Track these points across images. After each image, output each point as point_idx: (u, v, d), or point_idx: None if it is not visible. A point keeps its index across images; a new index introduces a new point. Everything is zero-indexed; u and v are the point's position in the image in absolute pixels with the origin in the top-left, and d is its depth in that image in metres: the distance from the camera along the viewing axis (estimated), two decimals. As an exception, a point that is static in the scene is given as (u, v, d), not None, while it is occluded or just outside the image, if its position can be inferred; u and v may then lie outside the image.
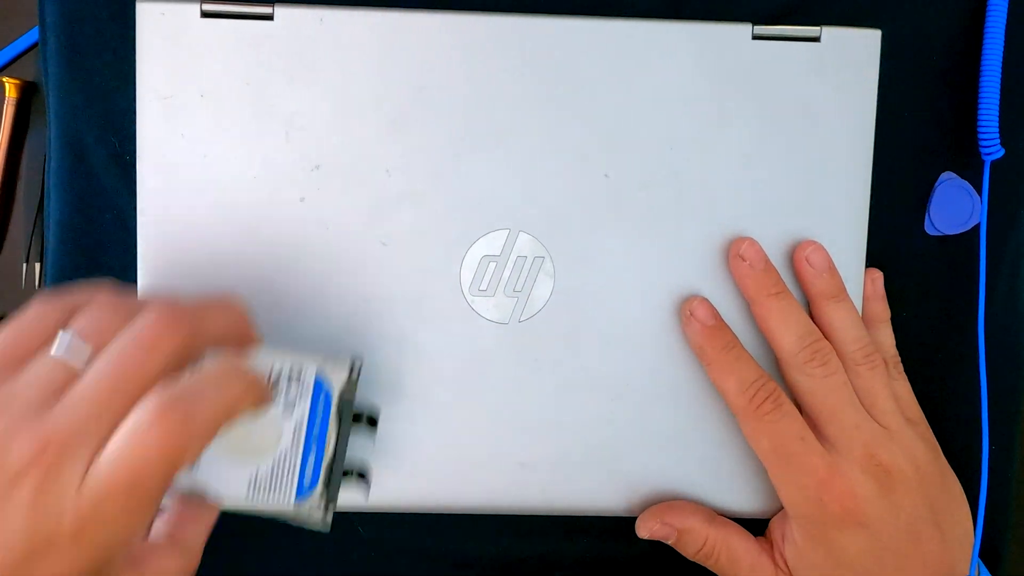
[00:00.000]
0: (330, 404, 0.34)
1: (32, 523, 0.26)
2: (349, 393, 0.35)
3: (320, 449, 0.34)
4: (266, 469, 0.34)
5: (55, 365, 0.28)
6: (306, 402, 0.34)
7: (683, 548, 0.39)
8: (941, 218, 0.43)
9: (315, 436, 0.34)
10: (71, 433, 0.26)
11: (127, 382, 0.28)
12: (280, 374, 0.34)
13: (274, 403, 0.34)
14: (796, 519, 0.37)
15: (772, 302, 0.38)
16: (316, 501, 0.35)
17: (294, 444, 0.34)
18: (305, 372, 0.34)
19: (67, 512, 0.26)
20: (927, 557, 0.37)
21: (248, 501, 0.34)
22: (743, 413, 0.37)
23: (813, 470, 0.36)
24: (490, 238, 0.38)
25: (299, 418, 0.34)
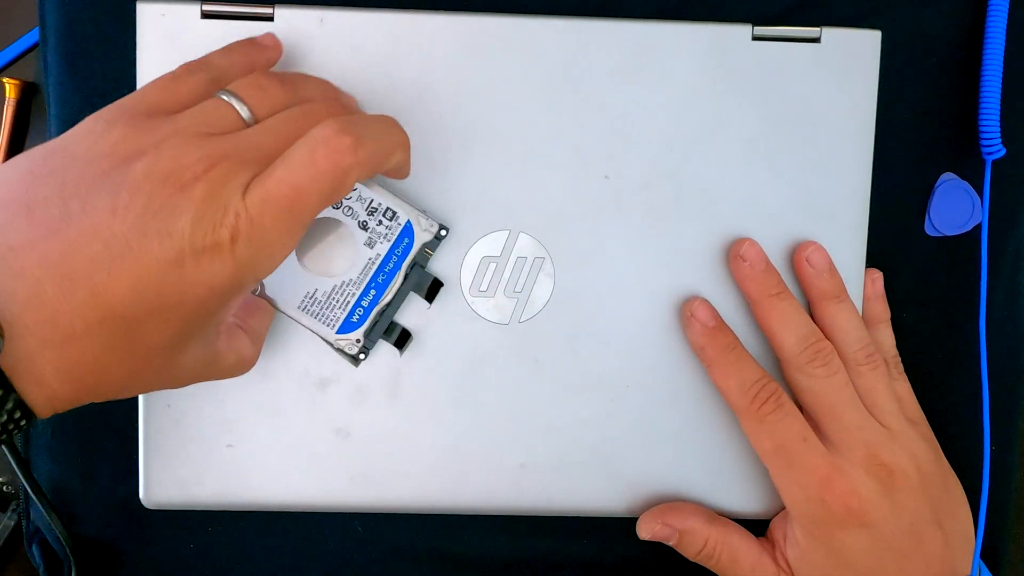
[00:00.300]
0: (407, 255, 0.37)
1: (197, 223, 0.27)
2: (424, 255, 0.37)
3: (379, 294, 0.37)
4: (325, 291, 0.37)
5: (223, 106, 0.30)
6: (387, 244, 0.37)
7: (684, 549, 0.39)
8: (941, 219, 0.43)
9: (380, 279, 0.37)
10: (243, 149, 0.29)
11: (298, 124, 0.30)
12: (377, 208, 0.36)
13: (361, 230, 0.36)
14: (798, 519, 0.37)
15: (773, 302, 0.38)
16: (354, 340, 0.37)
17: (359, 277, 0.37)
18: (399, 216, 0.36)
19: (229, 217, 0.28)
20: (929, 557, 0.37)
21: (297, 314, 0.37)
22: (745, 413, 0.37)
23: (815, 470, 0.36)
24: (490, 239, 0.38)
25: (375, 255, 0.37)
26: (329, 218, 0.36)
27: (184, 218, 0.27)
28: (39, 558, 0.43)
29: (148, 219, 0.27)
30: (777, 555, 0.39)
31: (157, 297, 0.27)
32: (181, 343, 0.29)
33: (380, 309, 0.37)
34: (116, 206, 0.27)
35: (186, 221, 0.27)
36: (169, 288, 0.27)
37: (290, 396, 0.39)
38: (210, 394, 0.38)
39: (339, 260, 0.37)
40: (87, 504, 0.43)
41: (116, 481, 0.42)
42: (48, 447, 0.43)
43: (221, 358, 0.32)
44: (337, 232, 0.37)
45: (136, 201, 0.27)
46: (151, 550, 0.43)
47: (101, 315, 0.27)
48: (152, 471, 0.39)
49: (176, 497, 0.39)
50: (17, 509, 0.44)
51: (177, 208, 0.27)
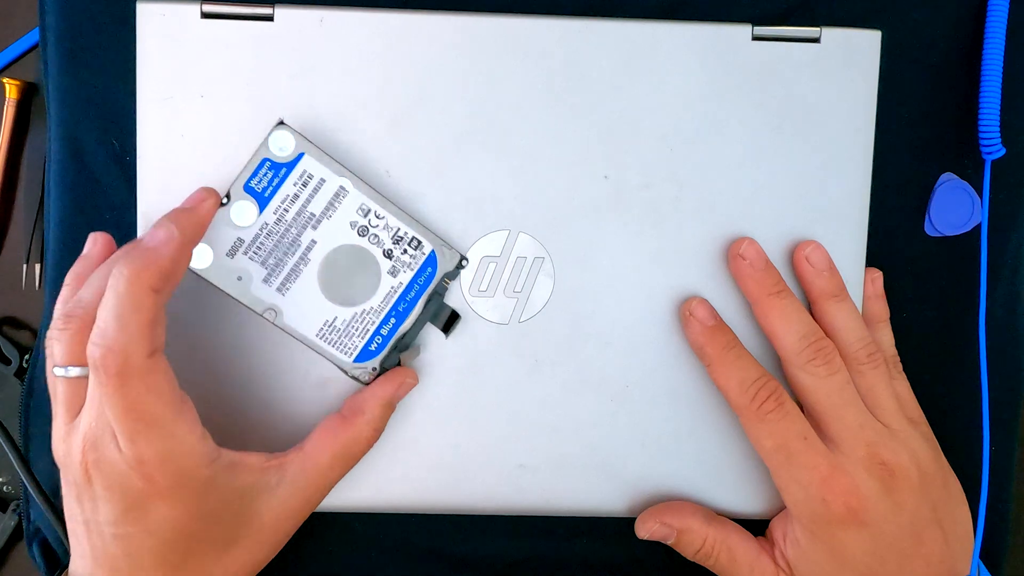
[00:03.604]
0: (428, 284, 0.37)
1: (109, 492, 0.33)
2: (444, 285, 0.37)
3: (399, 322, 0.37)
4: (344, 319, 0.37)
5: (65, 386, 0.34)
6: (410, 272, 0.37)
7: (682, 548, 0.39)
8: (941, 219, 0.43)
9: (401, 307, 0.37)
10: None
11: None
12: (403, 237, 0.37)
13: (386, 259, 0.37)
14: (799, 519, 0.37)
15: (773, 301, 0.38)
16: (370, 369, 0.37)
17: (381, 305, 0.37)
18: (423, 245, 0.37)
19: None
20: (929, 557, 0.37)
21: (315, 342, 0.37)
22: (745, 412, 0.37)
23: (816, 469, 0.36)
24: (490, 239, 0.38)
25: (397, 284, 0.37)
26: (354, 246, 0.37)
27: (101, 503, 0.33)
28: (39, 558, 0.43)
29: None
30: (776, 554, 0.39)
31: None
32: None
33: (398, 338, 0.37)
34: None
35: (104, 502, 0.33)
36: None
37: (290, 396, 0.39)
38: (210, 393, 0.38)
39: (361, 288, 0.37)
40: (87, 504, 0.43)
41: (116, 481, 0.42)
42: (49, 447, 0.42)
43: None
44: (361, 259, 0.37)
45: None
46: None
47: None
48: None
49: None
50: (17, 509, 0.44)
51: (97, 503, 0.34)
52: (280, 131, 0.36)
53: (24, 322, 0.45)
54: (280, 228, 0.36)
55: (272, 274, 0.37)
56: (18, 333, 0.45)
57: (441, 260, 0.37)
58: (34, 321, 0.45)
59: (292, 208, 0.36)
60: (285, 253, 0.37)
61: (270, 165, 0.36)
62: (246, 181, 0.36)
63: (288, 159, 0.36)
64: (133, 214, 0.38)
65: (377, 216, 0.37)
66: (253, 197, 0.36)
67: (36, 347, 0.43)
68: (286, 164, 0.36)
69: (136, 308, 0.32)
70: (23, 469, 0.41)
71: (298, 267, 0.37)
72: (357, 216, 0.37)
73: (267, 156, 0.36)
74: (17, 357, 0.44)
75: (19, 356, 0.44)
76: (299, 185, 0.36)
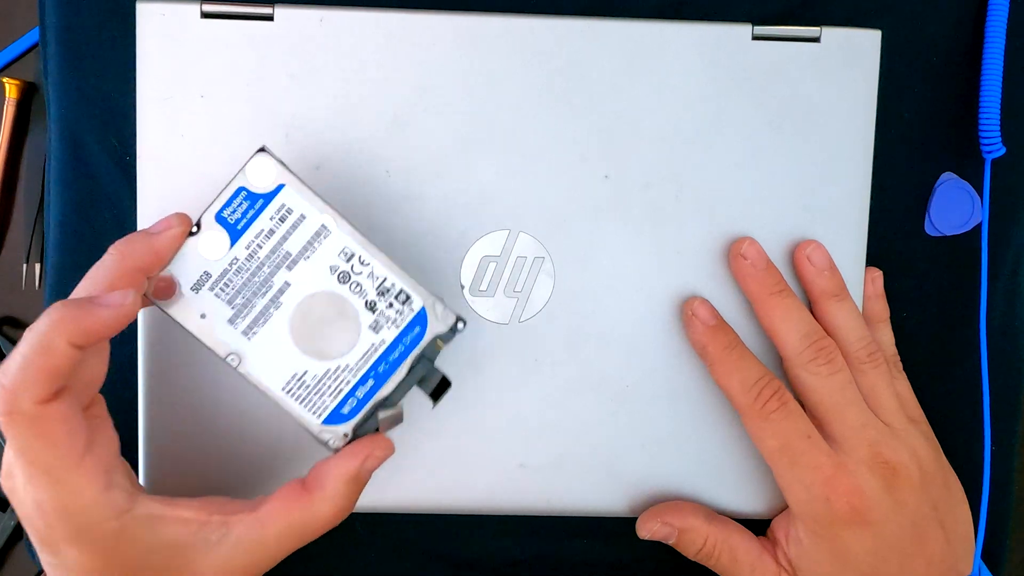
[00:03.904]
0: (415, 345, 0.33)
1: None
2: (434, 349, 0.33)
3: (378, 385, 0.33)
4: (315, 375, 0.33)
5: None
6: (395, 330, 0.33)
7: (684, 548, 0.39)
8: (941, 219, 0.43)
9: (381, 368, 0.33)
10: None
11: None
12: (389, 289, 0.33)
13: (368, 311, 0.33)
14: (801, 518, 0.37)
15: (775, 300, 0.38)
16: (341, 434, 0.33)
17: (358, 364, 0.33)
18: (412, 301, 0.33)
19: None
20: (931, 556, 0.37)
21: (280, 396, 0.33)
22: (748, 412, 0.37)
23: (819, 468, 0.36)
24: (490, 238, 0.38)
25: (379, 341, 0.33)
26: (333, 293, 0.33)
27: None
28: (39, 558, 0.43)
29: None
30: (779, 554, 0.39)
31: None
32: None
33: (376, 402, 0.33)
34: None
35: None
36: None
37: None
38: (211, 392, 0.38)
39: (337, 342, 0.33)
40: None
41: (116, 481, 0.42)
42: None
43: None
44: (340, 309, 0.33)
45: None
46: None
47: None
48: (152, 471, 0.39)
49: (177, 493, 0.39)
50: (17, 509, 0.44)
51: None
52: (260, 158, 0.32)
53: (24, 322, 0.45)
54: (251, 265, 0.33)
55: (239, 315, 0.33)
56: (18, 333, 0.45)
57: (432, 319, 0.33)
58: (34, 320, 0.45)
59: (267, 244, 0.33)
60: (255, 294, 0.33)
61: (246, 195, 0.32)
62: (219, 210, 0.32)
63: (266, 190, 0.32)
64: (133, 214, 0.38)
65: (361, 262, 0.33)
66: (225, 228, 0.32)
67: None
68: (264, 195, 0.32)
69: (43, 352, 0.30)
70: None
71: (268, 311, 0.33)
72: (339, 260, 0.33)
73: (243, 185, 0.32)
74: (17, 357, 0.44)
75: (19, 356, 0.44)
76: (276, 220, 0.32)
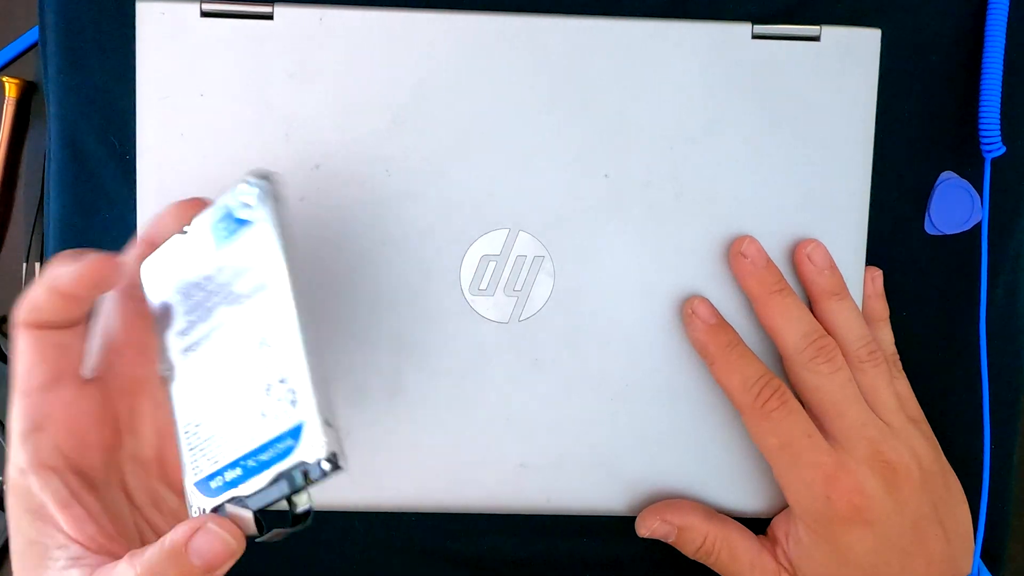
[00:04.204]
0: (280, 460, 0.28)
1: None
2: (299, 477, 0.28)
3: (241, 479, 0.29)
4: (208, 432, 0.30)
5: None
6: (272, 432, 0.28)
7: (683, 546, 0.39)
8: (941, 218, 0.43)
9: (250, 464, 0.29)
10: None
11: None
12: (286, 380, 0.28)
13: (263, 394, 0.29)
14: (802, 517, 0.37)
15: (775, 299, 0.38)
16: (197, 507, 0.30)
17: (236, 444, 0.29)
18: (297, 408, 0.28)
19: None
20: (931, 555, 0.37)
21: (179, 431, 0.31)
22: (748, 411, 0.37)
23: (820, 467, 0.36)
24: (490, 237, 0.38)
25: (258, 433, 0.29)
26: (247, 356, 0.29)
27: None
28: (39, 557, 0.43)
29: None
30: (778, 553, 0.39)
31: None
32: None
33: (232, 497, 0.29)
34: None
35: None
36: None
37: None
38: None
39: (231, 410, 0.29)
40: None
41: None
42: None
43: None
44: (246, 376, 0.29)
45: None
46: (151, 549, 0.43)
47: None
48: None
49: (176, 496, 0.39)
50: (17, 508, 0.44)
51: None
52: (243, 186, 0.30)
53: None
54: (208, 287, 0.30)
55: (185, 331, 0.31)
56: (18, 332, 0.45)
57: (306, 441, 0.27)
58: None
59: (225, 273, 0.30)
60: (200, 318, 0.31)
61: (228, 216, 0.30)
62: (215, 220, 0.31)
63: (245, 217, 0.30)
64: (133, 213, 0.38)
65: (283, 336, 0.28)
66: (215, 239, 0.31)
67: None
68: (241, 222, 0.30)
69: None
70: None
71: (200, 342, 0.30)
72: (267, 322, 0.29)
73: (229, 205, 0.30)
74: (17, 356, 0.44)
75: (19, 355, 0.44)
76: (243, 252, 0.30)
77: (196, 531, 0.27)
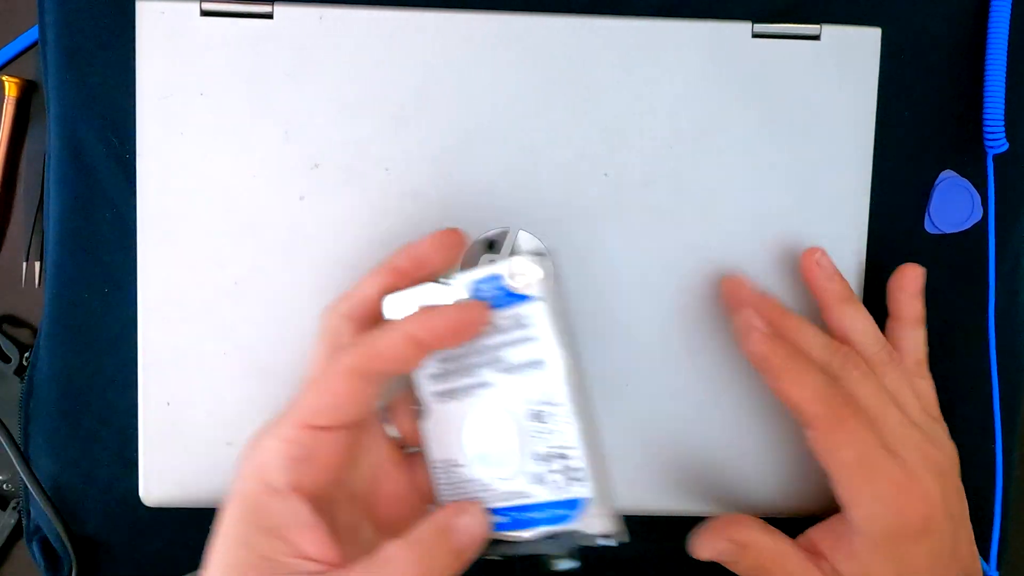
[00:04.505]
0: (555, 523, 0.31)
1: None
2: (571, 540, 0.31)
3: (509, 527, 0.32)
4: (466, 475, 0.32)
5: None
6: (549, 496, 0.31)
7: (738, 563, 0.36)
8: (941, 217, 0.43)
9: (523, 518, 0.31)
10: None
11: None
12: (566, 457, 0.30)
13: (540, 462, 0.31)
14: (868, 533, 0.34)
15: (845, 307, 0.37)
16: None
17: (502, 495, 0.32)
18: (581, 486, 0.30)
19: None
20: (963, 558, 0.36)
21: (433, 468, 0.33)
22: (822, 422, 0.34)
23: (893, 478, 0.34)
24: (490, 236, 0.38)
25: (532, 493, 0.31)
26: (517, 424, 0.31)
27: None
28: (39, 556, 0.43)
29: None
30: (824, 567, 0.35)
31: None
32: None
33: (501, 539, 0.32)
34: None
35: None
36: None
37: (289, 394, 0.38)
38: (210, 392, 0.38)
39: (496, 463, 0.31)
40: (87, 502, 0.43)
41: (116, 479, 0.42)
42: (49, 445, 0.43)
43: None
44: (515, 440, 0.31)
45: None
46: (151, 547, 0.43)
47: None
48: (152, 469, 0.39)
49: (176, 495, 0.39)
50: (17, 507, 0.44)
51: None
52: (528, 262, 0.30)
53: (23, 320, 0.45)
54: (471, 347, 0.31)
55: (439, 378, 0.32)
56: (18, 331, 0.45)
57: (586, 517, 0.30)
58: (33, 319, 0.45)
59: (492, 338, 0.31)
60: (458, 371, 0.32)
61: (498, 283, 0.31)
62: (479, 280, 0.31)
63: (519, 291, 0.30)
64: (133, 212, 0.38)
65: (560, 417, 0.30)
66: (475, 296, 0.31)
67: (36, 345, 0.43)
68: (513, 295, 0.30)
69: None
70: (23, 467, 0.41)
71: (458, 393, 0.32)
72: (541, 399, 0.31)
73: (502, 275, 0.30)
74: (17, 355, 0.44)
75: (19, 354, 0.44)
76: (512, 321, 0.30)
77: (461, 513, 0.31)
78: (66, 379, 0.42)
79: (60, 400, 0.42)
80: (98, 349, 0.42)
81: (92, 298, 0.42)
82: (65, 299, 0.42)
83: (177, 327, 0.38)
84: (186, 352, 0.38)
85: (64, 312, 0.42)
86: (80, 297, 0.42)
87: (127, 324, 0.40)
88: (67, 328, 0.42)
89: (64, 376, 0.42)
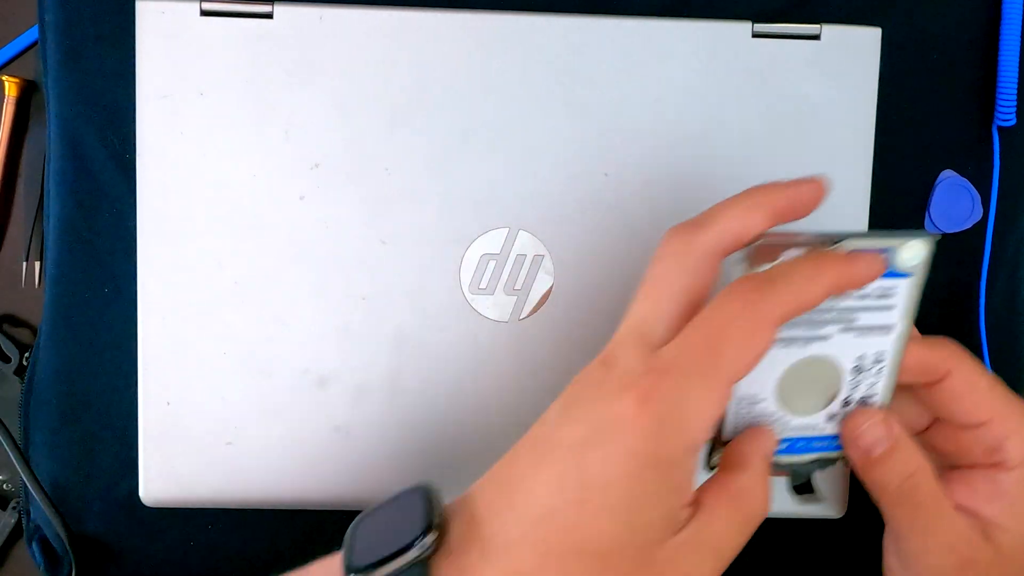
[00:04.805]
0: (819, 451, 0.34)
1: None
2: (825, 463, 0.34)
3: (788, 450, 0.33)
4: (763, 409, 0.33)
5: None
6: (829, 432, 0.33)
7: (888, 471, 0.33)
8: (941, 217, 0.43)
9: (799, 446, 0.33)
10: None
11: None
12: (867, 401, 0.33)
13: (840, 405, 0.33)
14: None
15: None
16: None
17: (794, 427, 0.33)
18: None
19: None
20: None
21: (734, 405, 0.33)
22: (929, 513, 0.33)
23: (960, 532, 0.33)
24: (490, 236, 0.38)
25: (821, 428, 0.33)
26: (840, 373, 0.32)
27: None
28: (39, 555, 0.43)
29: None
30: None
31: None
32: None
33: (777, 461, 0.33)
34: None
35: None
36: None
37: (290, 394, 0.39)
38: (210, 392, 0.38)
39: (799, 404, 0.33)
40: (87, 502, 0.43)
41: (116, 479, 0.42)
42: (49, 445, 0.43)
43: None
44: (826, 386, 0.32)
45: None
46: (151, 547, 0.43)
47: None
48: (152, 469, 0.39)
49: (176, 495, 0.39)
50: (17, 507, 0.44)
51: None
52: (921, 243, 0.31)
53: (23, 320, 0.45)
54: (830, 303, 0.31)
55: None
56: (17, 331, 0.45)
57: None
58: (33, 319, 0.45)
59: (848, 300, 0.31)
60: (800, 323, 0.31)
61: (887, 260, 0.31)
62: (865, 251, 0.31)
63: (894, 269, 0.31)
64: (133, 212, 0.38)
65: (877, 372, 0.32)
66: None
67: (36, 345, 0.43)
68: (890, 273, 0.31)
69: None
70: (23, 467, 0.41)
71: (793, 343, 0.32)
72: (869, 355, 0.32)
73: (894, 249, 0.31)
74: (17, 355, 0.44)
75: (19, 354, 0.44)
76: (877, 290, 0.31)
77: (768, 435, 0.32)
78: (66, 379, 0.42)
79: (60, 400, 0.42)
80: (98, 349, 0.42)
81: (92, 298, 0.42)
82: (65, 299, 0.42)
83: (177, 327, 0.38)
84: (186, 352, 0.38)
85: (64, 312, 0.42)
86: (80, 297, 0.42)
87: (127, 324, 0.40)
88: (67, 328, 0.42)
89: (64, 376, 0.42)
